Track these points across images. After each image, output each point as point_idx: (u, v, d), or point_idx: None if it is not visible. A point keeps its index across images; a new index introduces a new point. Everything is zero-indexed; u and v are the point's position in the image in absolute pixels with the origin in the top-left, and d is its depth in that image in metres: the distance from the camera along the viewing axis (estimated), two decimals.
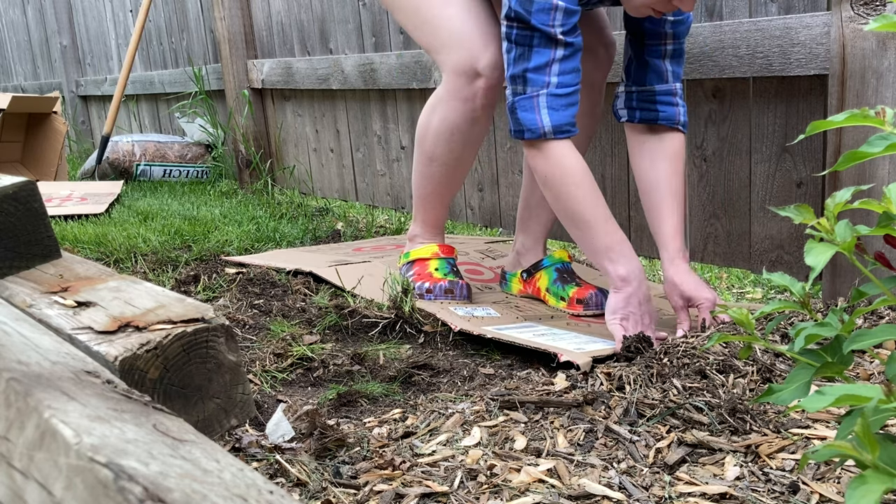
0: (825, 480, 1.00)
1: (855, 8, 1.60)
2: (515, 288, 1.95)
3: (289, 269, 2.08)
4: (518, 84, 1.54)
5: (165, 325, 1.10)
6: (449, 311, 1.71)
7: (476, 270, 2.15)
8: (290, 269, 2.08)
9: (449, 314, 1.69)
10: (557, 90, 1.52)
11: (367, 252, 2.32)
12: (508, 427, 1.16)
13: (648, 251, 2.25)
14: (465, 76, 1.71)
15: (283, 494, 0.53)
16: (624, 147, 2.26)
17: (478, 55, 1.69)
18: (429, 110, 1.81)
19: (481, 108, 1.74)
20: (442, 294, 1.81)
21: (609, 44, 1.89)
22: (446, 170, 1.83)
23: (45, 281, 1.36)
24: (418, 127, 1.84)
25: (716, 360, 1.35)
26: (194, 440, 0.62)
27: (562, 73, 1.51)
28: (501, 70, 1.66)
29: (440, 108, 1.76)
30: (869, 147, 0.73)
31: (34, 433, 0.58)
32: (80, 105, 5.49)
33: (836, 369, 0.79)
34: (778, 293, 1.86)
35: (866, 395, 0.64)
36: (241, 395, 1.16)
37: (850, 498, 0.56)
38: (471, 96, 1.72)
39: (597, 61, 1.86)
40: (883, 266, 0.82)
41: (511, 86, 1.55)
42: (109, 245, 2.45)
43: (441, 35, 1.73)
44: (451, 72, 1.73)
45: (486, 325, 1.62)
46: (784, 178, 1.91)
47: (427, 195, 1.89)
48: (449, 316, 1.68)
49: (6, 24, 6.48)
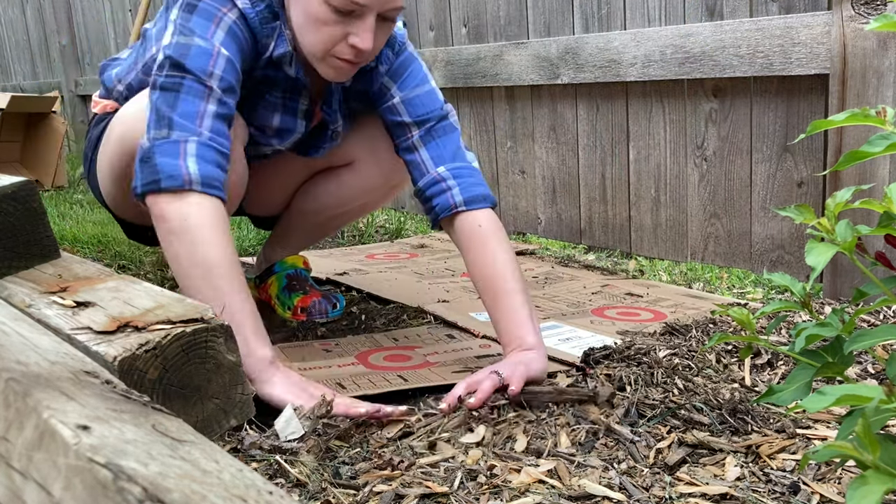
0: (826, 481, 1.00)
1: (856, 7, 1.60)
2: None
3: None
4: (161, 128, 1.26)
5: (165, 325, 1.10)
6: (470, 318, 1.71)
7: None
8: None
9: (470, 320, 1.69)
10: (210, 142, 1.26)
11: (381, 260, 2.32)
12: (512, 427, 1.16)
13: (648, 251, 2.25)
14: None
15: (282, 495, 0.53)
16: (624, 147, 2.26)
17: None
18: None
19: None
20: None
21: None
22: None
23: (45, 281, 1.36)
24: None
25: (716, 360, 1.35)
26: (193, 440, 0.62)
27: (214, 130, 1.27)
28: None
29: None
30: (870, 147, 0.72)
31: (33, 433, 0.58)
32: (79, 105, 5.49)
33: (837, 369, 0.79)
34: (778, 293, 1.86)
35: (867, 395, 0.64)
36: (240, 396, 1.16)
37: (851, 498, 0.56)
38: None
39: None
40: (884, 266, 0.82)
41: (150, 130, 1.28)
42: (109, 245, 2.44)
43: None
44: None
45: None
46: (785, 178, 1.91)
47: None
48: (470, 322, 1.68)
49: (5, 23, 6.48)
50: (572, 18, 2.32)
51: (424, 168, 1.46)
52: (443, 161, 1.45)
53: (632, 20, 2.15)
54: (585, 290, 1.95)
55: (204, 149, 1.25)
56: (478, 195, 1.43)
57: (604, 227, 2.37)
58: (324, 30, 1.31)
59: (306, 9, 1.31)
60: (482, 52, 2.57)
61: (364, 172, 1.67)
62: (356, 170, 1.68)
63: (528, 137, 2.56)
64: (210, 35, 1.31)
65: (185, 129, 1.25)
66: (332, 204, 1.73)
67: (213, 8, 1.33)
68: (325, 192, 1.72)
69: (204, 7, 1.33)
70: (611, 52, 2.16)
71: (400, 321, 1.75)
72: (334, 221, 1.82)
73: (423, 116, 1.48)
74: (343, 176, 1.69)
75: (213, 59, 1.29)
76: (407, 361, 1.47)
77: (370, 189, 1.70)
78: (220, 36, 1.32)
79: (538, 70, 2.39)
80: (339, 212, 1.76)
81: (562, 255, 2.38)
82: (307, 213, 1.76)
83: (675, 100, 2.10)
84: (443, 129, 1.48)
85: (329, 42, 1.32)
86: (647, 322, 1.66)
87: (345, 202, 1.73)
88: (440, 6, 2.78)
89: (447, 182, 1.43)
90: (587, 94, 2.33)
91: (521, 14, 2.49)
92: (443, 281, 2.05)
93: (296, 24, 1.36)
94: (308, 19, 1.32)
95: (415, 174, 1.48)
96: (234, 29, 1.34)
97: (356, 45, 1.30)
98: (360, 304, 1.88)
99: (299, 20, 1.34)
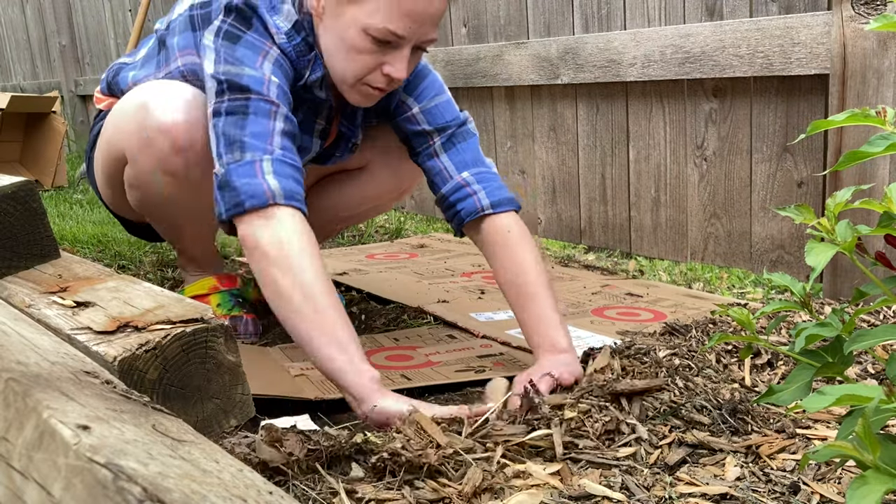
0: (826, 481, 1.00)
1: (855, 7, 1.60)
2: (252, 294, 1.76)
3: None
4: (233, 152, 1.26)
5: (164, 325, 1.10)
6: (469, 318, 1.71)
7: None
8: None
9: (469, 320, 1.69)
10: (284, 157, 1.26)
11: (381, 260, 2.32)
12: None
13: (648, 251, 2.25)
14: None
15: (282, 495, 0.53)
16: (624, 147, 2.26)
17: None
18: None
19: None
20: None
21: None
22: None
23: (44, 281, 1.36)
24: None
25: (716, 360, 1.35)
26: (193, 440, 0.62)
27: (285, 147, 1.28)
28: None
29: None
30: (870, 147, 0.72)
31: (33, 433, 0.58)
32: (79, 105, 5.49)
33: (837, 369, 0.79)
34: (778, 293, 1.86)
35: (867, 395, 0.64)
36: (240, 396, 1.16)
37: (851, 498, 0.56)
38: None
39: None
40: (884, 266, 0.82)
41: (223, 155, 1.27)
42: (109, 245, 2.44)
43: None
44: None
45: (509, 330, 1.61)
46: (785, 178, 1.91)
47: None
48: (470, 322, 1.68)
49: (5, 23, 6.48)
50: (572, 18, 2.32)
51: (447, 174, 1.45)
52: (465, 167, 1.45)
53: (632, 20, 2.15)
54: (585, 290, 1.95)
55: (279, 165, 1.24)
56: (504, 198, 1.43)
57: (604, 227, 2.37)
58: (359, 58, 1.31)
59: (342, 36, 1.31)
60: (482, 52, 2.57)
61: (378, 176, 1.69)
62: (370, 173, 1.70)
63: (528, 137, 2.56)
64: (259, 66, 1.32)
65: (257, 149, 1.24)
66: (343, 205, 1.74)
67: (258, 42, 1.34)
68: (339, 192, 1.73)
69: (249, 40, 1.33)
70: (611, 52, 2.16)
71: (400, 321, 1.75)
72: (342, 223, 1.83)
73: (443, 124, 1.48)
74: (356, 179, 1.71)
75: (265, 85, 1.30)
76: (408, 361, 1.47)
77: (382, 192, 1.71)
78: (268, 67, 1.32)
79: (538, 70, 2.39)
80: (347, 214, 1.78)
81: (562, 255, 2.38)
82: (317, 211, 1.76)
83: (675, 100, 2.10)
84: (462, 135, 1.48)
85: (363, 71, 1.32)
86: (647, 322, 1.66)
87: (356, 204, 1.74)
88: None
89: (472, 186, 1.43)
90: (587, 94, 2.33)
91: (521, 14, 2.49)
92: (443, 281, 2.05)
93: (326, 49, 1.36)
94: (343, 46, 1.32)
95: (436, 181, 1.47)
96: (280, 61, 1.35)
97: (391, 74, 1.31)
98: (360, 304, 1.88)
99: (331, 46, 1.35)
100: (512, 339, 1.56)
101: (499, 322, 1.69)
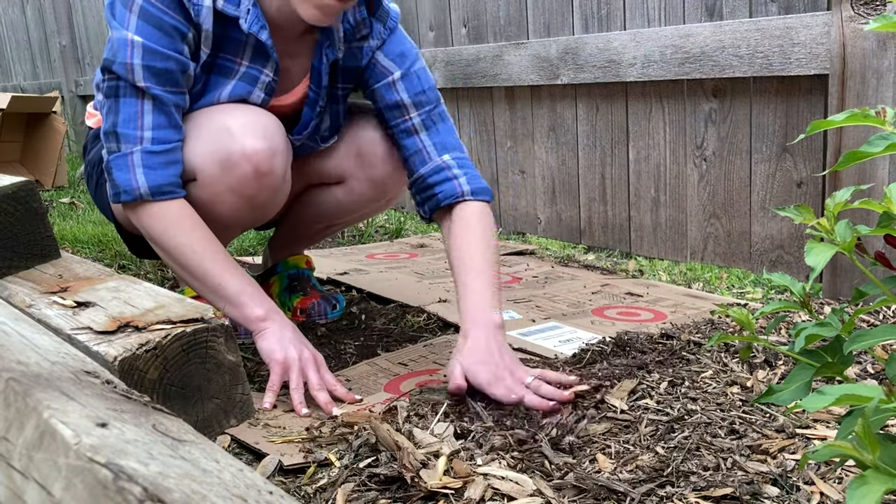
0: (826, 480, 1.00)
1: (855, 8, 1.60)
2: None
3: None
4: (111, 141, 1.31)
5: (165, 325, 1.10)
6: None
7: None
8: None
9: None
10: (153, 147, 1.29)
11: (381, 260, 2.32)
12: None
13: (648, 251, 2.25)
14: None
15: (282, 495, 0.53)
16: (624, 147, 2.26)
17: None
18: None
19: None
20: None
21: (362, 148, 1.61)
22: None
23: (45, 281, 1.36)
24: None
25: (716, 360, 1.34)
26: (194, 440, 0.62)
27: (155, 126, 1.30)
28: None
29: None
30: (869, 147, 0.72)
31: (33, 433, 0.58)
32: (79, 105, 5.49)
33: (836, 369, 0.79)
34: (778, 293, 1.86)
35: (866, 395, 0.64)
36: (240, 396, 1.17)
37: (851, 498, 0.56)
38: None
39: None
40: (883, 266, 0.82)
41: (105, 144, 1.33)
42: (109, 245, 2.45)
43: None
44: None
45: (510, 331, 1.61)
46: (784, 178, 1.91)
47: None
48: None
49: (5, 23, 6.48)
50: (572, 19, 2.32)
51: (427, 155, 1.45)
52: (446, 150, 1.45)
53: (631, 20, 2.16)
54: (585, 290, 1.95)
55: (148, 157, 1.30)
56: (483, 188, 1.45)
57: (603, 227, 2.37)
58: None
59: None
60: (482, 53, 2.57)
61: (357, 189, 1.62)
62: (348, 188, 1.63)
63: (528, 137, 2.56)
64: (126, 24, 1.29)
65: (129, 140, 1.30)
66: (330, 214, 1.72)
67: None
68: (325, 203, 1.69)
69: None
70: (610, 52, 2.16)
71: (400, 321, 1.75)
72: (334, 228, 1.82)
73: (420, 96, 1.46)
74: (337, 194, 1.65)
75: (129, 50, 1.28)
76: (435, 374, 1.44)
77: (366, 203, 1.66)
78: (133, 22, 1.28)
79: (538, 70, 2.39)
80: (337, 221, 1.76)
81: (562, 255, 2.38)
82: (307, 222, 1.75)
83: (675, 100, 2.10)
84: (440, 115, 1.48)
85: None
86: (647, 322, 1.66)
87: (343, 214, 1.71)
88: (440, 6, 2.78)
89: (453, 170, 1.43)
90: (587, 95, 2.33)
91: (520, 14, 2.49)
92: (443, 281, 2.05)
93: None
94: None
95: (414, 160, 1.45)
96: (146, 7, 1.28)
97: None
98: (360, 304, 1.88)
99: None
100: (512, 340, 1.56)
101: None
